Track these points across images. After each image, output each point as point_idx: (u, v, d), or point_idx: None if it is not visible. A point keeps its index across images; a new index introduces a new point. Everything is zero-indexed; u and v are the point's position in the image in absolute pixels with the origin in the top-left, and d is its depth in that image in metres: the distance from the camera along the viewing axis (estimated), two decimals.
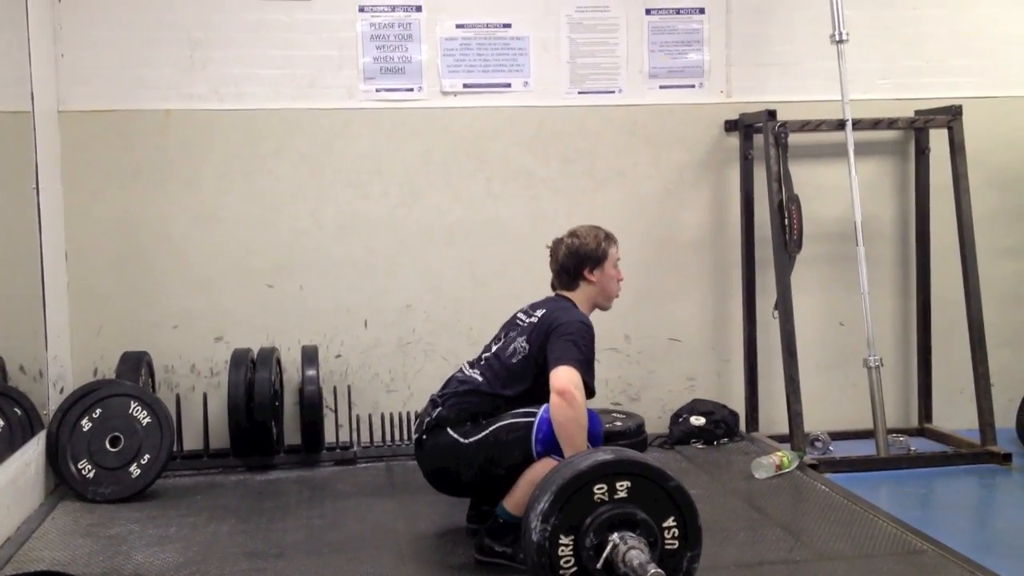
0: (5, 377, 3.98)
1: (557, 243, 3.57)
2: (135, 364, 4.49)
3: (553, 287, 3.63)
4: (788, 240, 4.63)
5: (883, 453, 4.52)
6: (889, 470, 4.46)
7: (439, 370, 4.81)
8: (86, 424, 4.18)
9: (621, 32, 4.98)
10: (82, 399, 4.22)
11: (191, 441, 4.60)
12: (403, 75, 4.84)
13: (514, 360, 3.42)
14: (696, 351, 5.07)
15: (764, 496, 4.03)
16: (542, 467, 3.19)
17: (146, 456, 4.16)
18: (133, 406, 4.22)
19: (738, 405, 4.98)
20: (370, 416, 4.74)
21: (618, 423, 4.73)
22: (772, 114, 4.69)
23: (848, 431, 4.88)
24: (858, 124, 4.69)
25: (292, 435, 4.68)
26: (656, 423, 4.93)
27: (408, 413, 4.72)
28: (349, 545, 3.58)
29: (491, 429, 3.33)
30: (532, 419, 3.27)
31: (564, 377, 3.19)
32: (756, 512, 3.85)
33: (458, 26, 4.87)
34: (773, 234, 4.68)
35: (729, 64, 5.05)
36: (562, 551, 2.82)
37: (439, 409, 3.46)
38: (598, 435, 3.38)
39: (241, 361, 4.49)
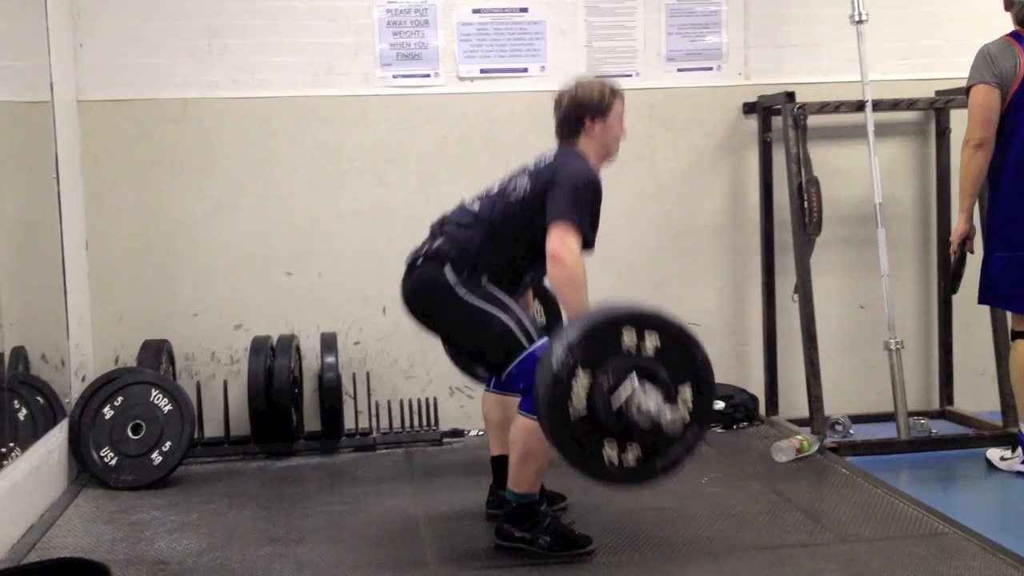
0: (27, 366, 4.00)
1: (562, 93, 3.43)
2: (156, 352, 4.52)
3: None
4: (807, 223, 4.61)
5: (904, 436, 4.49)
6: (910, 453, 4.44)
7: None
8: (108, 412, 4.21)
9: (638, 15, 4.95)
10: (104, 387, 4.25)
11: (212, 428, 4.63)
12: (420, 61, 4.83)
13: (512, 198, 3.30)
14: (715, 335, 5.04)
15: (784, 479, 4.02)
16: (517, 429, 3.18)
17: (167, 443, 4.18)
18: (154, 394, 4.25)
19: (757, 389, 4.97)
20: (389, 403, 4.75)
21: None
22: (791, 96, 4.66)
23: (869, 414, 4.85)
24: (878, 105, 4.64)
25: (312, 422, 4.70)
26: None
27: (427, 399, 4.74)
28: (369, 531, 3.59)
29: (488, 308, 3.21)
30: (526, 345, 3.17)
31: (556, 240, 3.10)
32: (776, 495, 3.84)
33: (474, 11, 4.86)
34: (792, 217, 4.66)
35: (747, 46, 5.01)
36: (576, 388, 2.79)
37: (439, 241, 3.34)
38: None
39: (261, 348, 4.51)
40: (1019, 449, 4.17)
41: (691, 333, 2.95)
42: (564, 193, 3.19)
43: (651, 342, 2.85)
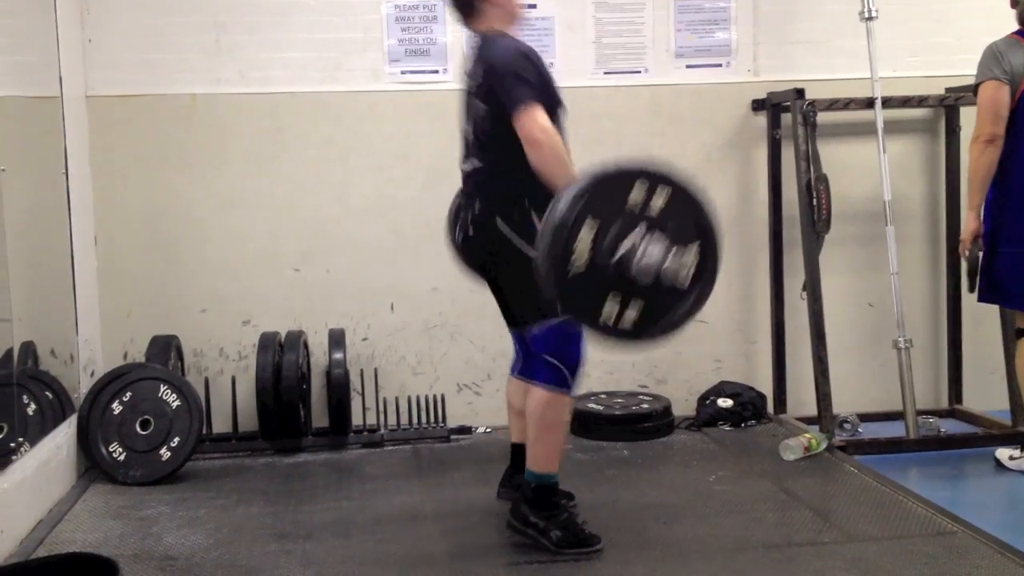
0: (36, 361, 4.01)
1: None
2: (164, 348, 4.52)
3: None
4: (816, 220, 4.59)
5: (913, 434, 4.48)
6: (919, 451, 4.42)
7: (465, 353, 4.84)
8: (116, 407, 4.22)
9: (647, 11, 4.94)
10: (112, 382, 4.26)
11: (220, 424, 4.63)
12: (428, 57, 4.83)
13: (484, 123, 3.26)
14: (723, 333, 5.05)
15: (792, 478, 4.01)
16: (533, 403, 3.21)
17: (176, 439, 4.19)
18: (163, 389, 4.26)
19: (766, 387, 4.96)
20: (397, 399, 4.75)
21: (645, 405, 4.73)
22: (800, 93, 4.65)
23: (877, 412, 4.84)
24: (888, 102, 4.63)
25: (320, 418, 4.71)
26: (683, 405, 4.91)
27: (435, 396, 4.74)
28: (377, 527, 3.59)
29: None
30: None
31: (523, 125, 3.07)
32: (784, 494, 3.83)
33: None
34: (801, 214, 4.65)
35: (756, 43, 5.00)
36: (580, 239, 2.77)
37: (476, 204, 3.28)
38: None
39: (269, 344, 4.51)
40: None
41: (701, 192, 2.91)
42: (506, 81, 3.15)
43: (660, 198, 2.81)
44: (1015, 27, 4.01)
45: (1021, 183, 3.93)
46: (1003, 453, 4.23)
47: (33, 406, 3.89)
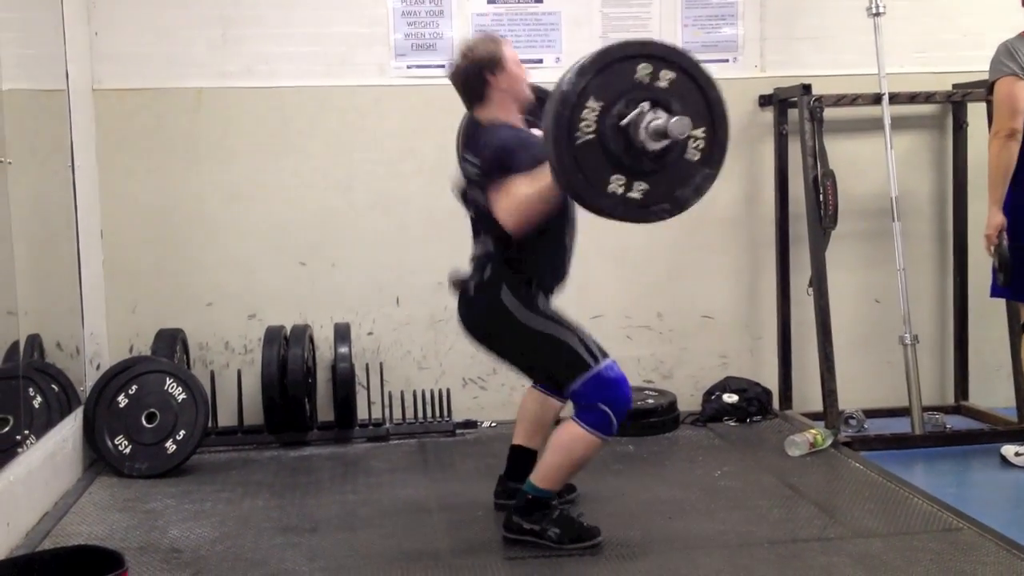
0: (42, 354, 4.02)
1: (453, 65, 3.39)
2: (170, 341, 4.53)
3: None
4: (823, 216, 4.59)
5: (918, 431, 4.48)
6: (925, 448, 4.42)
7: (470, 348, 4.78)
8: (122, 400, 4.22)
9: (654, 6, 4.93)
10: (118, 376, 4.27)
11: (225, 417, 4.64)
12: (434, 51, 4.83)
13: (488, 209, 3.23)
14: (729, 328, 5.04)
15: (797, 474, 4.01)
16: (562, 431, 3.20)
17: (181, 432, 4.20)
18: (168, 383, 4.26)
19: (771, 383, 4.95)
20: (402, 393, 4.75)
21: (650, 400, 4.73)
22: (807, 88, 4.64)
23: (883, 409, 4.84)
24: (895, 98, 4.62)
25: (325, 412, 4.71)
26: (688, 401, 4.91)
27: (440, 390, 4.74)
28: (382, 520, 3.60)
29: (551, 332, 3.20)
30: (592, 364, 3.17)
31: (497, 205, 3.10)
32: (789, 490, 3.83)
33: (489, 1, 4.85)
34: (808, 210, 4.64)
35: (763, 38, 4.99)
36: (586, 114, 2.77)
37: (488, 268, 3.28)
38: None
39: (274, 338, 4.52)
40: None
41: (707, 71, 2.90)
42: (502, 169, 3.15)
43: (666, 77, 2.81)
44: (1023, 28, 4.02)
45: None
46: (1009, 450, 4.22)
47: (39, 399, 3.90)
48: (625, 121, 2.79)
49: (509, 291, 3.24)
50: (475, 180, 3.28)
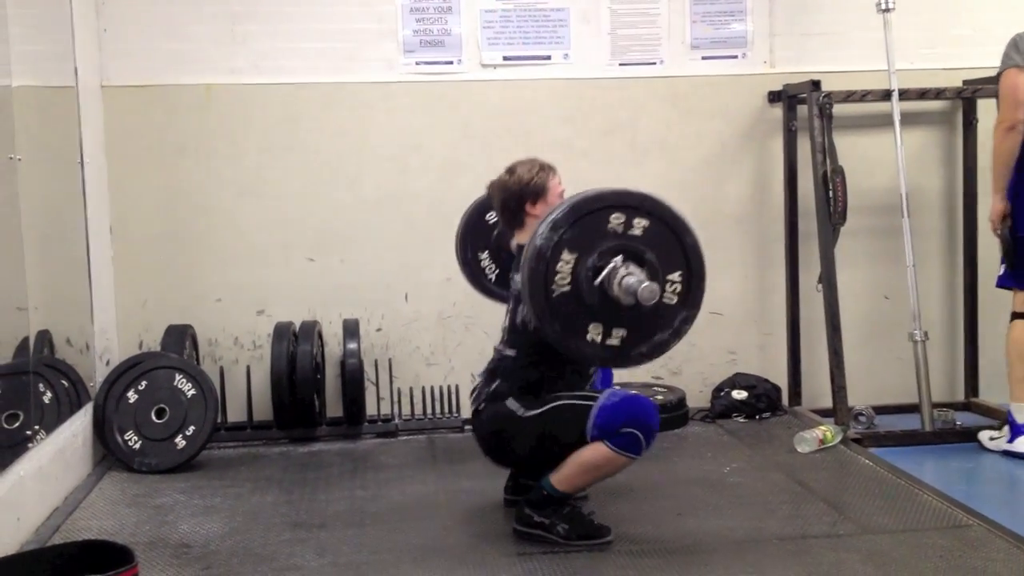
0: (52, 350, 4.03)
1: (494, 183, 3.44)
2: (180, 337, 4.54)
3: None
4: (832, 212, 4.57)
5: (928, 427, 4.47)
6: (934, 444, 4.41)
7: (479, 344, 4.83)
8: (132, 396, 4.23)
9: (663, 2, 4.92)
10: (128, 371, 4.28)
11: (235, 413, 4.65)
12: (443, 48, 4.82)
13: (531, 327, 3.24)
14: (738, 325, 5.03)
15: (807, 470, 4.00)
16: (592, 450, 3.17)
17: (191, 427, 4.21)
18: (178, 378, 4.27)
19: (780, 379, 4.95)
20: (411, 389, 4.76)
21: (659, 397, 4.72)
22: (816, 84, 4.63)
23: (893, 405, 4.83)
24: (904, 94, 4.61)
25: (334, 408, 4.72)
26: (698, 397, 4.91)
27: (449, 386, 4.74)
28: (391, 516, 3.60)
29: (550, 406, 3.26)
30: (592, 403, 3.18)
31: None
32: (799, 486, 3.82)
33: None
34: (817, 206, 4.63)
35: (772, 34, 4.98)
36: (561, 266, 2.85)
37: (496, 382, 3.37)
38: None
39: (283, 334, 4.52)
40: (1006, 428, 4.21)
41: (681, 217, 2.97)
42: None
43: (639, 225, 2.87)
44: None
45: None
46: (984, 435, 4.30)
47: (49, 394, 3.91)
48: (598, 280, 2.87)
49: (514, 400, 3.31)
50: (515, 292, 3.33)
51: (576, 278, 2.88)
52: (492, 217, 3.85)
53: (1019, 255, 4.14)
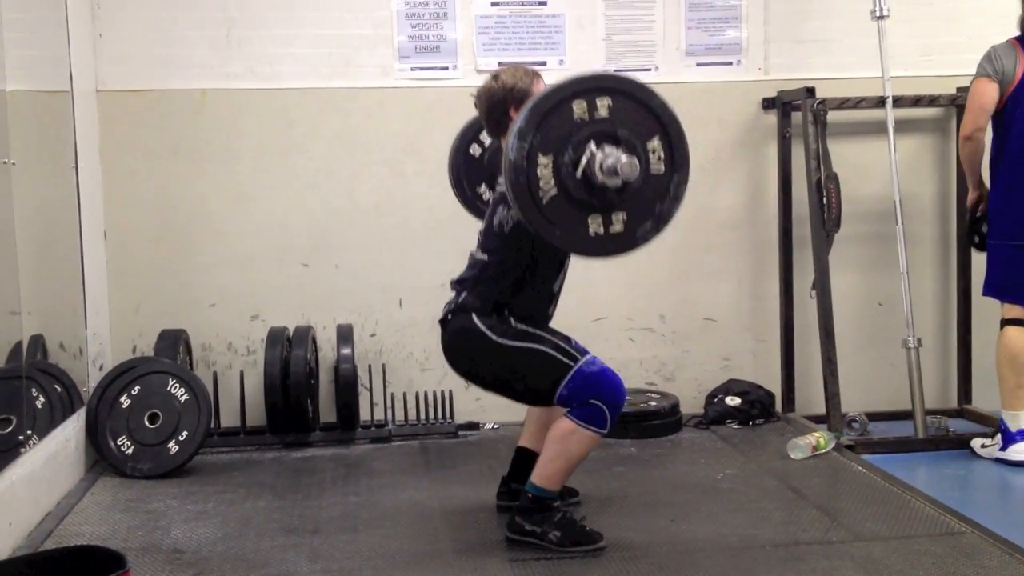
0: (45, 354, 4.02)
1: (480, 91, 3.41)
2: (173, 342, 4.53)
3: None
4: (826, 219, 4.58)
5: (921, 434, 4.47)
6: (928, 451, 4.41)
7: None
8: (125, 401, 4.23)
9: (658, 9, 4.93)
10: (121, 376, 4.27)
11: (228, 418, 4.64)
12: (438, 53, 4.83)
13: (507, 229, 3.26)
14: (732, 331, 5.04)
15: (800, 477, 4.01)
16: (558, 430, 3.20)
17: (184, 433, 4.20)
18: (171, 383, 4.27)
19: (774, 385, 4.95)
20: (404, 395, 4.76)
21: (652, 403, 4.73)
22: (811, 91, 4.64)
23: (886, 412, 4.83)
24: (898, 101, 4.62)
25: (327, 413, 4.71)
26: (691, 403, 4.91)
27: (442, 392, 4.74)
28: (384, 522, 3.60)
29: (528, 346, 3.23)
30: (571, 363, 3.19)
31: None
32: (792, 492, 3.82)
33: (493, 4, 4.85)
34: (811, 213, 4.64)
35: (767, 41, 4.99)
36: (541, 172, 2.81)
37: (463, 294, 3.34)
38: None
39: (277, 339, 4.52)
40: (998, 436, 4.23)
41: (641, 83, 2.94)
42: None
43: (603, 106, 2.84)
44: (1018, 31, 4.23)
45: (1006, 179, 4.18)
46: (976, 442, 4.33)
47: (42, 399, 3.91)
48: (580, 172, 2.84)
49: (479, 317, 3.28)
50: (497, 198, 3.32)
51: (559, 178, 2.83)
52: (476, 150, 3.86)
53: (992, 263, 4.29)
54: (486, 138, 3.82)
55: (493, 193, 3.47)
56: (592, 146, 2.83)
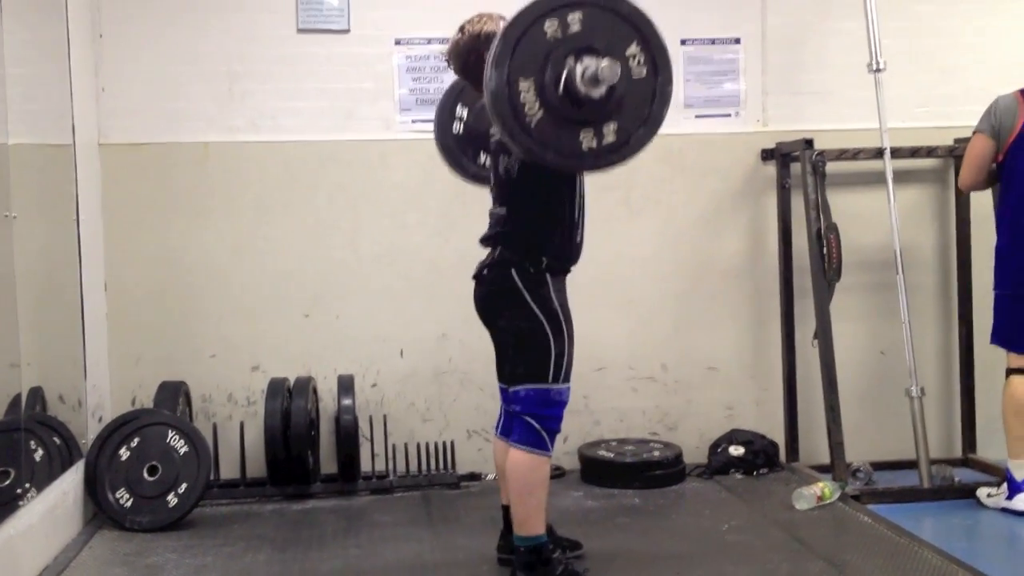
0: (44, 406, 4.00)
1: (449, 50, 3.37)
2: (173, 393, 4.51)
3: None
4: (827, 269, 4.59)
5: (927, 484, 4.44)
6: (933, 501, 4.38)
7: (475, 399, 4.82)
8: (124, 453, 4.20)
9: None
10: (120, 428, 4.25)
11: (228, 470, 4.61)
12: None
13: (514, 174, 3.25)
14: (734, 380, 5.02)
15: (806, 527, 3.97)
16: (512, 463, 3.23)
17: (183, 485, 4.17)
18: (171, 435, 4.24)
19: (778, 435, 4.92)
20: (406, 446, 4.72)
21: (655, 452, 4.70)
22: (809, 143, 4.66)
23: (891, 461, 4.80)
24: (896, 152, 4.65)
25: (328, 464, 4.68)
26: (694, 453, 4.88)
27: (444, 442, 4.71)
28: (386, 574, 3.56)
29: (545, 325, 3.22)
30: (552, 379, 3.22)
31: None
32: (798, 543, 3.79)
33: None
34: (812, 263, 4.64)
35: (765, 93, 5.03)
36: (524, 96, 2.79)
37: (499, 249, 3.31)
38: None
39: (278, 390, 4.50)
40: (1004, 485, 4.20)
41: None
42: None
43: (575, 21, 2.83)
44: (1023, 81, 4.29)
45: (1010, 229, 4.21)
46: (982, 492, 4.30)
47: (40, 452, 3.88)
48: (561, 88, 2.82)
49: (517, 274, 3.25)
50: (500, 145, 3.27)
51: (543, 98, 2.82)
52: (458, 127, 3.88)
53: (997, 312, 4.29)
54: (461, 113, 3.83)
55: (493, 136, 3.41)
56: (570, 61, 2.82)
